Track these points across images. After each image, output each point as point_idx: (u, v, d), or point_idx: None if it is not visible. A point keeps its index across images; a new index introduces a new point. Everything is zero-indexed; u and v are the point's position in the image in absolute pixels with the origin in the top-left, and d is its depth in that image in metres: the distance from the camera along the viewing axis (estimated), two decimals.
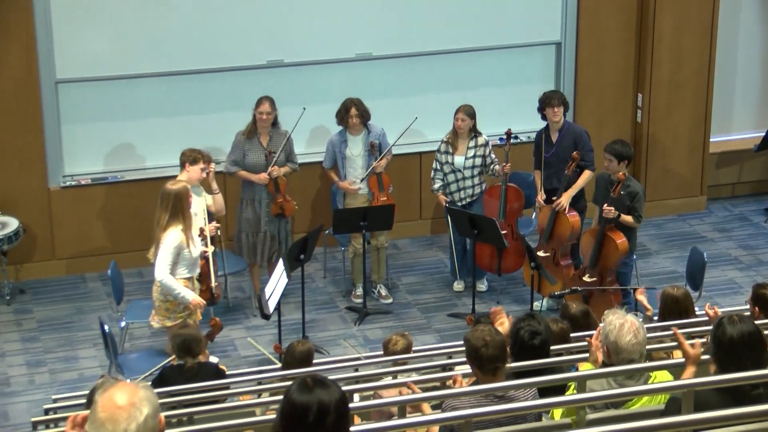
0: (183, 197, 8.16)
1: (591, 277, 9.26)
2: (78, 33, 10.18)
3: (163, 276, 8.14)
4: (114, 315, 9.69)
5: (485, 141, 10.02)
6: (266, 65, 10.66)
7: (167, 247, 8.15)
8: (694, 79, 11.51)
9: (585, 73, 11.42)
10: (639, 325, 5.52)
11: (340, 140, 9.96)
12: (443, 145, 10.04)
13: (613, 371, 5.46)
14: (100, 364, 9.11)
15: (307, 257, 9.30)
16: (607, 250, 9.20)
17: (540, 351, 5.74)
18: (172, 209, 8.15)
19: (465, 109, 9.91)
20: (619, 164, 9.18)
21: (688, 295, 7.18)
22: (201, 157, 9.00)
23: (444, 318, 9.97)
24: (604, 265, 9.22)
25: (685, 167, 11.77)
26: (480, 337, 5.32)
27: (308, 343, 7.24)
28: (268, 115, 9.64)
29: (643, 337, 5.51)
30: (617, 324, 5.49)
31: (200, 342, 7.26)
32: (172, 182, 8.36)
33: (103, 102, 10.44)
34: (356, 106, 9.85)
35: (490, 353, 5.29)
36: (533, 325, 5.77)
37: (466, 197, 10.06)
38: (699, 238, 11.32)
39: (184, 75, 10.51)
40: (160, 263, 8.16)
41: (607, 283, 9.20)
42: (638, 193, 9.25)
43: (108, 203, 10.59)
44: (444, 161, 10.03)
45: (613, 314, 5.59)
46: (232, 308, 10.03)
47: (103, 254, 10.49)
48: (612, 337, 5.48)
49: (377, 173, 9.92)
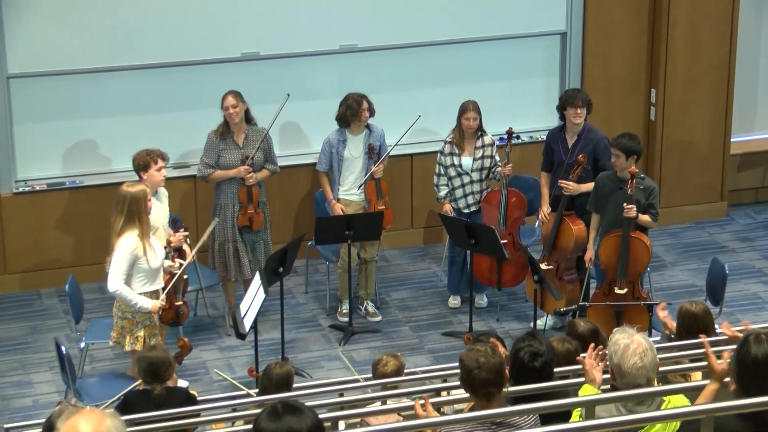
0: (140, 200, 8.17)
1: (623, 289, 9.22)
2: (32, 23, 10.16)
3: (116, 287, 8.18)
4: (72, 335, 9.65)
5: (492, 140, 10.02)
6: (241, 58, 10.65)
7: (120, 255, 8.16)
8: (712, 73, 11.53)
9: (592, 67, 11.44)
10: (647, 347, 5.47)
11: (339, 140, 9.93)
12: (447, 146, 10.02)
13: (622, 396, 5.45)
14: (57, 390, 9.08)
15: (287, 270, 9.28)
16: (636, 253, 9.17)
17: (541, 374, 5.73)
18: (127, 213, 8.15)
19: (474, 106, 9.91)
20: (627, 160, 9.19)
21: (709, 312, 7.17)
22: (151, 158, 8.98)
23: (438, 337, 9.96)
24: (635, 272, 9.19)
25: (704, 170, 11.79)
26: (474, 358, 5.30)
27: (287, 365, 7.23)
28: (235, 109, 9.62)
29: (651, 360, 5.46)
30: (622, 345, 5.47)
31: (169, 366, 7.23)
32: (129, 183, 8.38)
33: (60, 99, 10.42)
34: (366, 98, 9.84)
35: (482, 377, 5.27)
36: (534, 345, 5.75)
37: (473, 203, 10.05)
38: (719, 248, 11.33)
39: (151, 69, 10.49)
40: (112, 273, 8.18)
41: (639, 292, 9.17)
42: (654, 189, 9.28)
43: (66, 211, 10.56)
44: (449, 164, 10.02)
45: (620, 333, 5.57)
46: (204, 327, 10.01)
47: (60, 268, 10.46)
48: (616, 359, 5.47)
49: (376, 179, 9.92)
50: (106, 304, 10.27)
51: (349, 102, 9.85)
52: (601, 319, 9.06)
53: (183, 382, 8.87)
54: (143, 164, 8.97)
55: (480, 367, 5.27)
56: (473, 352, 5.34)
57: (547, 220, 9.78)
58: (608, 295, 9.24)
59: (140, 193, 8.22)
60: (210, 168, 9.74)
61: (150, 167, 8.96)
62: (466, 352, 5.40)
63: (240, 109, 9.65)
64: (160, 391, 7.08)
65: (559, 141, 9.82)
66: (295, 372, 9.08)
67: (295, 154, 10.83)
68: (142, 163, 8.98)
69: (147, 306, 8.23)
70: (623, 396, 5.45)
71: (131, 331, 8.33)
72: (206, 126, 9.95)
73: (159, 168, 9.00)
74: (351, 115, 9.83)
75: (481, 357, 5.29)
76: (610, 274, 9.27)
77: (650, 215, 9.24)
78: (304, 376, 9.28)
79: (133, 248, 8.17)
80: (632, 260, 9.16)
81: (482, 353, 5.31)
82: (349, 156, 9.92)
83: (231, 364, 9.54)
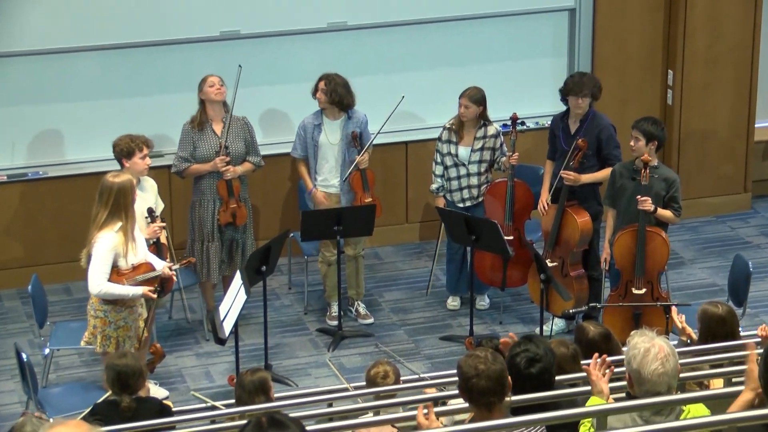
0: (127, 191, 8.18)
1: (640, 289, 9.21)
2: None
3: (99, 287, 8.16)
4: (36, 340, 9.63)
5: (496, 132, 10.00)
6: (219, 37, 10.64)
7: (100, 253, 8.14)
8: (735, 53, 11.54)
9: (604, 46, 11.44)
10: (669, 352, 5.48)
11: (314, 124, 9.92)
12: (445, 132, 10.02)
13: (637, 404, 5.44)
14: (20, 400, 9.06)
15: (270, 269, 9.27)
16: (653, 249, 9.15)
17: (539, 380, 5.72)
18: (113, 205, 8.15)
19: (469, 94, 9.89)
20: (647, 145, 9.18)
21: (734, 314, 7.18)
22: (136, 145, 8.97)
23: (436, 342, 9.96)
24: (653, 270, 9.18)
25: (726, 159, 11.79)
26: (473, 365, 5.30)
27: (261, 371, 7.19)
28: (221, 89, 9.60)
29: (673, 366, 5.47)
30: (642, 349, 5.47)
31: (140, 375, 7.20)
32: (114, 173, 8.37)
33: (20, 82, 10.39)
34: (327, 80, 9.81)
35: (482, 385, 5.27)
36: (530, 350, 5.74)
37: (469, 198, 10.03)
38: (743, 243, 11.34)
39: (121, 49, 10.47)
40: (93, 273, 8.16)
41: (659, 293, 9.16)
42: (675, 180, 9.26)
43: (27, 205, 10.53)
44: (445, 152, 10.01)
45: (640, 336, 5.57)
46: (180, 331, 10.00)
47: (21, 267, 10.43)
48: (635, 364, 5.46)
49: (361, 169, 9.90)
50: (72, 307, 10.26)
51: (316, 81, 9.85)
52: (618, 323, 9.07)
53: (162, 391, 8.88)
54: (126, 151, 8.96)
55: (479, 374, 5.27)
56: (472, 359, 5.34)
57: (546, 211, 9.77)
58: (625, 296, 9.22)
59: (127, 184, 8.22)
60: (185, 162, 9.69)
61: (134, 154, 8.96)
62: (464, 358, 5.40)
63: (224, 91, 9.63)
64: (128, 402, 7.04)
65: (561, 127, 9.82)
66: (279, 380, 9.13)
67: (277, 142, 10.80)
68: (126, 150, 8.97)
69: (138, 292, 8.24)
70: (637, 405, 5.45)
71: (103, 331, 8.32)
72: (181, 111, 9.93)
73: (143, 156, 9.00)
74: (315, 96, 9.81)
75: (481, 364, 5.28)
76: (626, 273, 9.25)
77: (672, 210, 9.22)
78: (290, 385, 9.27)
79: (113, 245, 8.16)
80: (649, 256, 9.15)
81: (482, 360, 5.30)
82: (325, 141, 9.90)
83: (209, 372, 9.53)
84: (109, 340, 8.33)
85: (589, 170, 9.66)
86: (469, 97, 9.86)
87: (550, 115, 10.50)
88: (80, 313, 10.10)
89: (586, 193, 9.73)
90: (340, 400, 7.42)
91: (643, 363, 5.44)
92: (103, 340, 8.34)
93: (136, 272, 8.30)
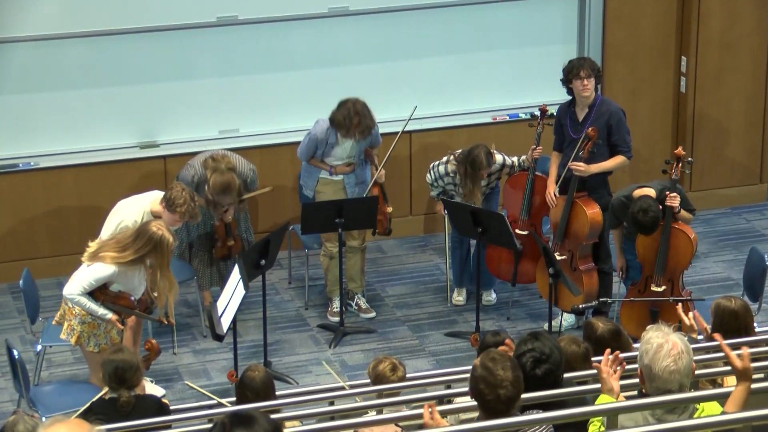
0: (165, 249, 8.20)
1: (660, 287, 9.21)
2: None
3: (73, 296, 8.31)
4: (28, 336, 9.66)
5: (499, 166, 10.02)
6: (217, 23, 10.64)
7: (97, 273, 8.27)
8: (751, 38, 11.53)
9: (615, 32, 11.43)
10: (684, 349, 5.49)
11: (327, 141, 9.85)
12: (448, 177, 10.00)
13: (647, 403, 5.46)
14: (11, 399, 9.09)
15: (269, 263, 9.29)
16: (677, 247, 9.16)
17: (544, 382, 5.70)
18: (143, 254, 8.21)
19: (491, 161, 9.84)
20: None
21: (748, 309, 7.20)
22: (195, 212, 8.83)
23: (441, 338, 9.98)
24: (676, 267, 9.19)
25: (741, 148, 11.80)
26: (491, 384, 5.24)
27: (261, 368, 7.23)
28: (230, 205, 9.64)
29: (686, 365, 5.48)
30: (655, 344, 5.48)
31: (137, 370, 7.26)
32: (158, 224, 8.32)
33: (11, 69, 10.40)
34: (361, 116, 9.69)
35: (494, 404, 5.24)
36: (537, 349, 5.71)
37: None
38: (758, 236, 11.35)
39: (116, 35, 10.47)
40: (78, 282, 8.29)
41: (679, 291, 9.18)
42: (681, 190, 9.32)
43: (19, 197, 10.55)
44: (448, 190, 10.04)
45: (655, 331, 5.58)
46: (177, 327, 10.01)
47: (13, 261, 10.45)
48: (646, 359, 5.48)
49: (380, 183, 9.96)
50: None
51: (344, 112, 9.68)
52: (635, 318, 9.10)
53: (159, 389, 8.90)
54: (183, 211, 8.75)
55: (497, 397, 5.26)
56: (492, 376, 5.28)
57: (555, 203, 9.79)
58: (644, 292, 9.24)
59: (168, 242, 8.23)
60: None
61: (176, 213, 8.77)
62: (483, 371, 5.33)
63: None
64: (127, 397, 7.10)
65: (568, 116, 9.82)
66: (279, 377, 9.15)
67: (276, 132, 10.82)
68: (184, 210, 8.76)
69: (106, 317, 8.34)
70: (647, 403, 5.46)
71: (69, 321, 8.43)
72: (175, 99, 9.93)
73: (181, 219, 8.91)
74: (338, 127, 9.75)
75: (502, 390, 5.25)
76: (647, 268, 9.27)
77: (688, 212, 9.30)
78: (290, 383, 9.30)
79: (113, 276, 8.30)
80: (672, 254, 9.17)
81: (500, 380, 5.27)
82: (338, 153, 9.94)
83: (207, 369, 9.56)
84: (72, 332, 8.44)
85: (599, 158, 9.67)
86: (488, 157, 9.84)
87: (557, 104, 10.51)
88: None
89: (595, 183, 9.73)
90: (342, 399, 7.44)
91: (655, 359, 5.46)
92: (67, 328, 8.46)
93: (116, 300, 8.38)
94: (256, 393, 7.01)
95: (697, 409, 5.58)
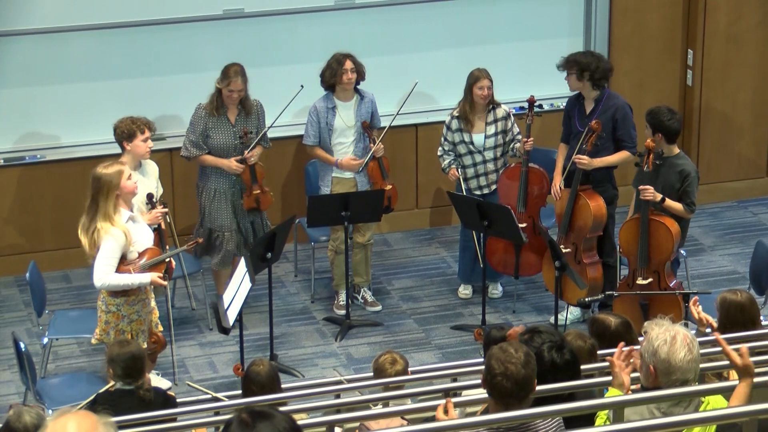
0: (111, 186, 8.11)
1: (646, 279, 9.25)
2: None
3: (102, 281, 8.15)
4: (34, 329, 9.68)
5: (506, 113, 10.01)
6: (223, 16, 10.66)
7: (108, 247, 8.12)
8: (757, 31, 11.53)
9: (621, 25, 11.44)
10: (692, 338, 5.57)
11: (327, 107, 9.92)
12: (455, 121, 10.01)
13: (656, 396, 5.48)
14: (17, 391, 9.11)
15: (276, 256, 9.31)
16: (658, 239, 9.18)
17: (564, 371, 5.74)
18: (91, 198, 8.13)
19: (487, 74, 9.90)
20: (653, 135, 9.20)
21: (754, 302, 7.20)
22: (137, 127, 9.00)
23: (447, 331, 10.00)
24: (659, 260, 9.21)
25: (748, 142, 11.80)
26: (503, 362, 5.24)
27: (266, 362, 7.23)
28: (240, 93, 9.62)
29: (698, 352, 5.55)
30: (668, 338, 5.51)
31: (145, 361, 7.28)
32: (105, 164, 8.35)
33: (17, 62, 10.42)
34: (351, 58, 9.82)
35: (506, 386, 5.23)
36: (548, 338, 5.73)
37: (486, 185, 10.05)
38: (765, 229, 11.35)
39: (122, 28, 10.49)
40: (99, 266, 8.13)
41: (666, 283, 9.19)
42: (690, 174, 9.23)
43: (24, 190, 10.57)
44: (458, 140, 10.00)
45: (657, 326, 5.60)
46: (183, 320, 10.04)
47: (19, 253, 10.48)
48: (663, 353, 5.50)
49: (378, 158, 9.93)
50: (71, 295, 10.31)
51: (329, 62, 9.83)
52: (627, 313, 9.04)
53: (165, 381, 8.92)
54: (128, 133, 8.99)
55: (507, 375, 5.24)
56: (506, 355, 5.29)
57: (559, 195, 9.79)
58: (632, 286, 9.27)
59: (112, 176, 8.13)
60: (198, 149, 9.66)
61: (135, 137, 8.98)
62: (498, 351, 5.33)
63: (245, 92, 9.65)
64: (148, 386, 7.11)
65: (576, 108, 9.83)
66: (285, 371, 9.17)
67: (282, 125, 10.82)
68: (127, 132, 8.99)
69: (146, 279, 8.21)
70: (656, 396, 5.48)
71: (116, 326, 8.31)
72: (181, 93, 9.95)
73: (145, 138, 9.02)
74: (330, 76, 9.80)
75: (511, 365, 5.25)
76: (632, 262, 9.31)
77: (684, 205, 9.23)
78: (296, 376, 9.32)
79: (121, 242, 8.14)
80: (653, 247, 9.18)
81: (513, 360, 5.26)
82: (340, 125, 9.91)
83: (213, 362, 9.58)
84: (124, 336, 8.28)
85: (604, 152, 9.67)
86: (489, 78, 9.87)
87: (564, 97, 10.52)
88: (80, 301, 10.18)
89: (600, 177, 9.74)
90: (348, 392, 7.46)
91: (672, 351, 5.49)
92: (116, 335, 8.28)
93: (142, 258, 8.29)
94: (262, 387, 7.03)
95: (703, 402, 5.60)
